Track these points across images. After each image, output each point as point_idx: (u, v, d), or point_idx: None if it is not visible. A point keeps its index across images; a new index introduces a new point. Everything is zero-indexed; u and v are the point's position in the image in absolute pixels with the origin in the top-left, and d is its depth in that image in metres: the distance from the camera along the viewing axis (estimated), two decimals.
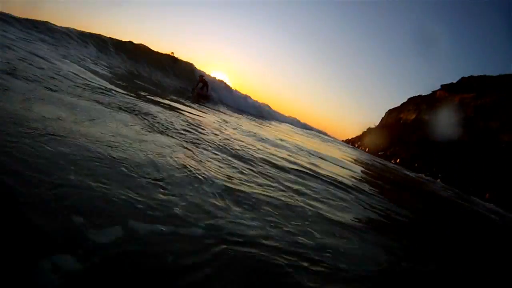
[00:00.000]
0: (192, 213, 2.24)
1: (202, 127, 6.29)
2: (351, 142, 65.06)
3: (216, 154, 4.44)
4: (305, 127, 36.52)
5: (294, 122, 33.46)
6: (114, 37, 15.95)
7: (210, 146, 4.78)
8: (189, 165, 3.31)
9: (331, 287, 2.02)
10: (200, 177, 3.08)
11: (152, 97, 8.35)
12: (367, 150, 55.19)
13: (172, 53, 19.04)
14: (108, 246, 1.55)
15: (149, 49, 18.26)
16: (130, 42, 17.27)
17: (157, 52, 18.48)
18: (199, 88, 16.55)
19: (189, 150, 4.10)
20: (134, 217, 1.89)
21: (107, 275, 1.39)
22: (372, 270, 2.58)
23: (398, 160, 46.26)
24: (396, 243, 3.79)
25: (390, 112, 70.61)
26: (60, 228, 1.55)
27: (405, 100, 66.80)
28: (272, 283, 1.83)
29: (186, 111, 8.04)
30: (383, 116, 73.14)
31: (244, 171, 4.07)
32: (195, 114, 8.17)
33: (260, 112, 23.64)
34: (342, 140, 62.36)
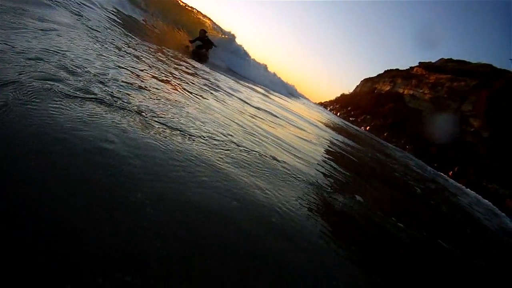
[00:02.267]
0: None
1: None
2: (324, 106, 65.26)
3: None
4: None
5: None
6: None
7: None
8: None
9: None
10: None
11: None
12: (338, 114, 55.44)
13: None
14: None
15: None
16: None
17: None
18: (196, 47, 11.90)
19: None
20: None
21: None
22: None
23: (368, 128, 46.52)
24: None
25: (365, 81, 70.60)
26: None
27: (381, 71, 66.62)
28: None
29: None
30: (357, 84, 73.07)
31: None
32: None
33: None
34: (315, 103, 61.97)
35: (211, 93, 4.91)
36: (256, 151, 2.86)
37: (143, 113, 2.26)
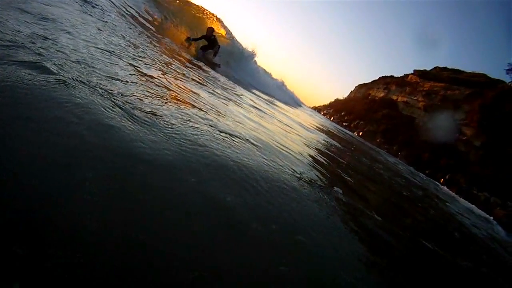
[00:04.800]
0: None
1: None
2: (318, 110, 65.43)
3: None
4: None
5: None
6: None
7: None
8: None
9: None
10: None
11: None
12: (332, 119, 55.56)
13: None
14: None
15: None
16: None
17: None
18: (201, 48, 10.35)
19: None
20: None
21: None
22: None
23: (361, 133, 46.57)
24: None
25: (359, 87, 70.92)
26: None
27: (376, 78, 66.98)
28: None
29: None
30: (352, 89, 73.40)
31: None
32: None
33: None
34: (309, 107, 62.22)
35: (208, 90, 4.66)
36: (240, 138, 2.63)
37: (115, 98, 2.04)
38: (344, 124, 52.34)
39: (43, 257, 0.85)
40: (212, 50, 10.45)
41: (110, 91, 2.10)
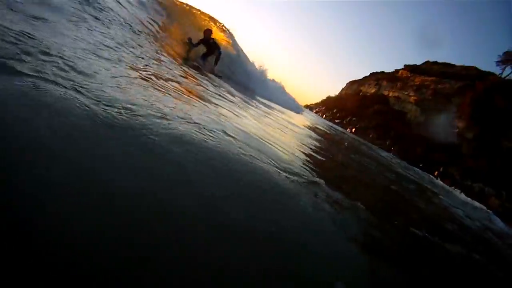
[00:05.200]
0: None
1: None
2: (310, 108, 65.73)
3: None
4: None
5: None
6: None
7: None
8: None
9: None
10: None
11: None
12: (324, 116, 55.78)
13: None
14: None
15: None
16: None
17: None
18: (201, 56, 8.69)
19: None
20: None
21: None
22: None
23: (353, 130, 46.67)
24: None
25: (351, 83, 71.66)
26: None
27: (367, 74, 67.60)
28: None
29: None
30: (343, 86, 74.11)
31: None
32: None
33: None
34: (301, 105, 62.49)
35: (205, 90, 4.57)
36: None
37: (85, 92, 1.93)
38: (336, 121, 52.53)
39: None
40: (213, 56, 8.83)
41: (91, 90, 1.99)
